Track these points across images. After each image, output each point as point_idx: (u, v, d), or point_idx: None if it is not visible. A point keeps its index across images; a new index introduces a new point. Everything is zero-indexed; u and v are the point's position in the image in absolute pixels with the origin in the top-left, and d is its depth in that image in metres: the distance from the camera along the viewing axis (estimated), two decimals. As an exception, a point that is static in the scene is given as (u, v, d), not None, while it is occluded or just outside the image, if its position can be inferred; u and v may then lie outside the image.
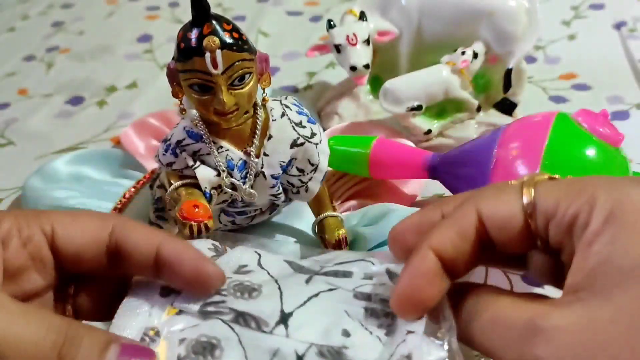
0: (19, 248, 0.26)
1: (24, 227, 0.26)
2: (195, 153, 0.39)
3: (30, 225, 0.26)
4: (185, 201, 0.37)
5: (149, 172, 0.53)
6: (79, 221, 0.27)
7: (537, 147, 0.38)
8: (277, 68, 0.72)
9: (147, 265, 0.27)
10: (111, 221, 0.27)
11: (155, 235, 0.27)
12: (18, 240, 0.26)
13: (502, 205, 0.24)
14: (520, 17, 0.54)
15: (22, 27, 0.88)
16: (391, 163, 0.47)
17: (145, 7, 0.90)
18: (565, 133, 0.39)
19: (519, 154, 0.39)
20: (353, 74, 0.54)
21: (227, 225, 0.44)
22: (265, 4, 0.88)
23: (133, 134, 0.58)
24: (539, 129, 0.39)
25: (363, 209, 0.47)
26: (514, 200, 0.24)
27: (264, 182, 0.40)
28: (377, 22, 0.57)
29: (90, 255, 0.27)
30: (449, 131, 0.56)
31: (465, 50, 0.54)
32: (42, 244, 0.26)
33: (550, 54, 0.69)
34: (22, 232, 0.26)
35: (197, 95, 0.36)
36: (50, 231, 0.27)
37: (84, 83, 0.72)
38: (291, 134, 0.40)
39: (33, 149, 0.61)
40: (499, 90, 0.57)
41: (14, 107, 0.69)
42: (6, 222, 0.26)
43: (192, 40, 0.34)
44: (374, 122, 0.58)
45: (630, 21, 0.73)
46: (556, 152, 0.38)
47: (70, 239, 0.27)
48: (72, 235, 0.27)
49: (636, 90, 0.61)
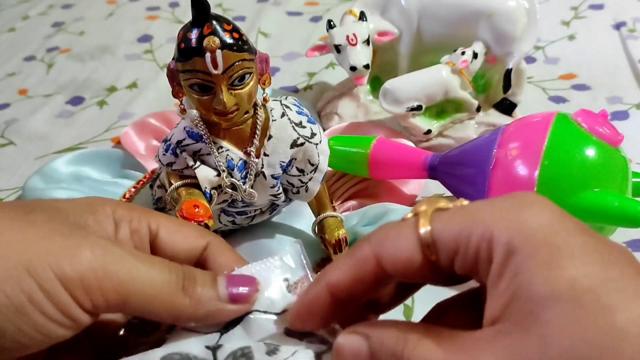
0: (127, 235, 0.29)
1: (135, 219, 0.29)
2: (195, 153, 0.39)
3: (140, 220, 0.29)
4: (185, 201, 0.37)
5: (149, 172, 0.53)
6: (182, 230, 0.30)
7: (536, 148, 0.38)
8: (277, 68, 0.72)
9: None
10: (208, 238, 0.30)
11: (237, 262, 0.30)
12: (127, 228, 0.29)
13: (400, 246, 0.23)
14: (520, 18, 0.54)
15: (23, 27, 0.88)
16: (391, 163, 0.47)
17: (145, 7, 0.90)
18: (565, 133, 0.39)
19: (519, 154, 0.39)
20: (353, 74, 0.54)
21: (227, 225, 0.44)
22: (265, 4, 0.88)
23: (133, 134, 0.58)
24: (538, 129, 0.39)
25: (363, 209, 0.47)
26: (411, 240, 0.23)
27: (264, 182, 0.40)
28: (377, 23, 0.57)
29: (181, 261, 0.29)
30: (448, 131, 0.56)
31: (465, 51, 0.54)
32: (145, 239, 0.29)
33: (550, 54, 0.69)
34: (132, 223, 0.29)
35: (197, 96, 0.36)
36: (155, 231, 0.30)
37: (84, 83, 0.72)
38: (291, 134, 0.40)
39: (33, 149, 0.61)
40: (498, 91, 0.57)
41: (14, 107, 0.69)
42: (121, 209, 0.29)
43: (192, 40, 0.35)
44: (373, 122, 0.58)
45: (629, 21, 0.73)
46: (556, 152, 0.38)
47: (171, 244, 0.30)
48: (173, 241, 0.30)
49: (636, 91, 0.61)
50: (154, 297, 0.26)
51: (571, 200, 0.37)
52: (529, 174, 0.38)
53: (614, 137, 0.39)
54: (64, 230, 0.25)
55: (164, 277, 0.26)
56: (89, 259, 0.24)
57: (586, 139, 0.38)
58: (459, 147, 0.45)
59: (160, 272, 0.26)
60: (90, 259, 0.24)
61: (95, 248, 0.25)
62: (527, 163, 0.38)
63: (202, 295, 0.26)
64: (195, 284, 0.26)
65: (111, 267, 0.25)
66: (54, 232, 0.25)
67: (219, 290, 0.27)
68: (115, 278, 0.25)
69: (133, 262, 0.26)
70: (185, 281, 0.26)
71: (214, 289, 0.27)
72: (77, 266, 0.24)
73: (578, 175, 0.37)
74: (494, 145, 0.41)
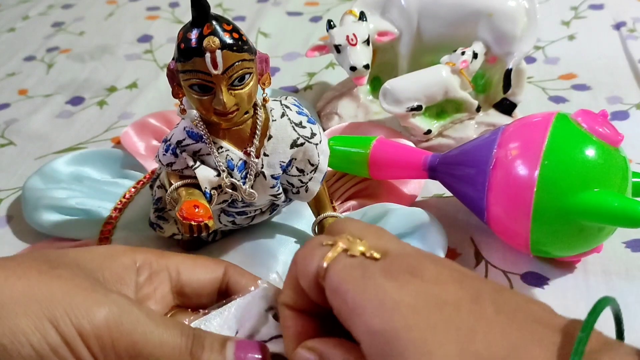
0: (148, 279, 0.31)
1: (154, 262, 0.32)
2: (195, 153, 0.39)
3: (159, 263, 0.32)
4: (185, 201, 0.37)
5: (149, 172, 0.53)
6: (199, 264, 0.33)
7: (536, 148, 0.38)
8: (277, 68, 0.72)
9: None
10: (223, 265, 0.33)
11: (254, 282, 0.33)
12: (148, 272, 0.31)
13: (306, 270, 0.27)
14: (520, 18, 0.54)
15: (23, 27, 0.88)
16: (391, 163, 0.47)
17: (145, 7, 0.90)
18: (565, 133, 0.39)
19: (519, 154, 0.39)
20: (353, 74, 0.54)
21: (227, 225, 0.44)
22: (265, 4, 0.88)
23: (133, 134, 0.58)
24: (538, 129, 0.39)
25: (363, 209, 0.47)
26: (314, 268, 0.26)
27: (264, 182, 0.40)
28: (377, 23, 0.57)
29: (206, 292, 0.33)
30: (448, 131, 0.56)
31: (465, 51, 0.54)
32: (165, 281, 0.32)
33: (550, 54, 0.69)
34: (152, 266, 0.32)
35: (197, 96, 0.36)
36: (176, 271, 0.32)
37: (84, 83, 0.72)
38: (291, 134, 0.40)
39: (33, 149, 0.61)
40: (498, 91, 0.57)
41: (14, 107, 0.69)
42: (140, 254, 0.32)
43: (192, 40, 0.35)
44: (373, 122, 0.58)
45: (629, 21, 0.73)
46: (556, 152, 0.38)
47: (195, 279, 0.32)
48: (197, 277, 0.32)
49: (636, 91, 0.61)
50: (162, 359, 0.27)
51: (571, 200, 0.37)
52: (529, 174, 0.38)
53: (614, 137, 0.39)
54: (86, 286, 0.27)
55: (175, 341, 0.27)
56: (106, 317, 0.26)
57: (586, 139, 0.38)
58: (459, 147, 0.45)
59: (171, 336, 0.28)
60: (107, 316, 0.26)
61: (113, 306, 0.27)
62: (527, 163, 0.38)
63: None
64: (204, 349, 0.28)
65: (126, 327, 0.26)
66: (77, 288, 0.27)
67: (227, 357, 0.28)
68: (128, 337, 0.26)
69: (147, 323, 0.27)
70: (194, 347, 0.28)
71: (222, 355, 0.28)
72: (95, 322, 0.26)
73: (578, 175, 0.37)
74: (494, 145, 0.41)
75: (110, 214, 0.49)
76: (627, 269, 0.42)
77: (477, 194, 0.41)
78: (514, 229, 0.40)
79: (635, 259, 0.43)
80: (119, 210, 0.49)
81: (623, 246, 0.44)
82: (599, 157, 0.38)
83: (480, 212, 0.42)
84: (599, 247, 0.41)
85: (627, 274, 0.42)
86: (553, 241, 0.39)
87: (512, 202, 0.39)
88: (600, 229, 0.39)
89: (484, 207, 0.41)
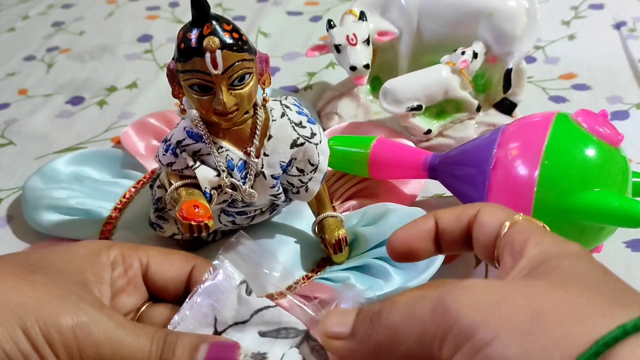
0: (122, 273, 0.32)
1: (127, 256, 0.32)
2: (195, 153, 0.39)
3: (132, 256, 0.32)
4: (185, 201, 0.37)
5: (149, 172, 0.53)
6: (169, 259, 0.33)
7: (536, 147, 0.38)
8: (277, 68, 0.72)
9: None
10: (193, 262, 0.34)
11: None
12: (122, 267, 0.32)
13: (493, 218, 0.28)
14: (520, 17, 0.54)
15: (23, 27, 0.88)
16: (391, 163, 0.47)
17: (145, 7, 0.90)
18: (565, 133, 0.39)
19: (519, 154, 0.39)
20: (353, 74, 0.54)
21: (227, 225, 0.44)
22: (265, 4, 0.88)
23: (133, 134, 0.58)
24: (538, 129, 0.39)
25: (363, 209, 0.47)
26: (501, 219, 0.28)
27: (264, 182, 0.40)
28: (377, 22, 0.57)
29: (173, 287, 0.33)
30: (448, 131, 0.56)
31: (465, 50, 0.54)
32: (138, 273, 0.33)
33: (550, 54, 0.69)
34: (126, 260, 0.32)
35: (197, 96, 0.36)
36: (145, 264, 0.33)
37: (84, 83, 0.72)
38: (291, 134, 0.40)
39: (33, 149, 0.61)
40: (498, 90, 0.57)
41: (14, 107, 0.69)
42: (114, 249, 0.32)
43: (192, 40, 0.35)
44: (373, 122, 0.58)
45: (630, 21, 0.73)
46: (556, 152, 0.38)
47: (160, 273, 0.33)
48: (162, 271, 0.33)
49: (636, 90, 0.61)
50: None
51: (571, 200, 0.37)
52: (529, 174, 0.38)
53: (614, 137, 0.39)
54: (59, 293, 0.28)
55: (145, 348, 0.28)
56: (73, 326, 0.27)
57: (586, 138, 0.38)
58: (459, 147, 0.45)
59: (141, 343, 0.28)
60: (75, 325, 0.27)
61: (82, 315, 0.27)
62: (527, 163, 0.38)
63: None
64: (174, 355, 0.28)
65: (94, 336, 0.27)
66: (49, 295, 0.27)
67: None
68: (96, 346, 0.27)
69: (116, 331, 0.28)
70: (164, 353, 0.28)
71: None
72: (62, 331, 0.26)
73: (578, 175, 0.37)
74: (494, 145, 0.40)
75: (110, 214, 0.49)
76: (627, 269, 0.42)
77: (477, 193, 0.41)
78: None
79: (635, 259, 0.43)
80: (119, 210, 0.49)
81: (623, 246, 0.44)
82: (599, 156, 0.38)
83: None
84: (599, 247, 0.41)
85: (628, 274, 0.42)
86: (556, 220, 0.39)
87: (512, 202, 0.39)
88: (600, 228, 0.39)
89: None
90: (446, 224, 0.30)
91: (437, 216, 0.30)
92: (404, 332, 0.24)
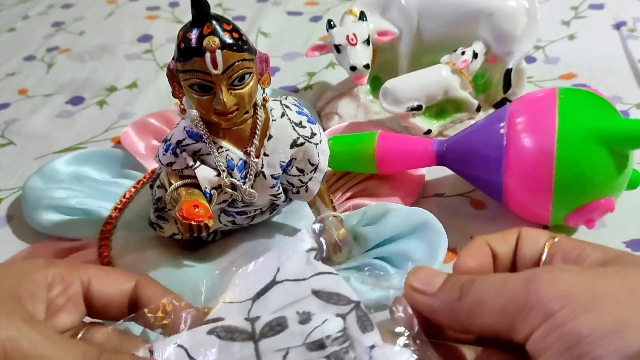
0: (61, 292, 0.32)
1: (66, 275, 0.32)
2: (195, 153, 0.39)
3: (72, 274, 0.32)
4: (185, 201, 0.37)
5: (149, 172, 0.53)
6: (110, 276, 0.33)
7: (549, 115, 0.40)
8: (277, 68, 0.72)
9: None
10: (135, 278, 0.33)
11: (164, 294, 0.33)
12: (61, 286, 0.32)
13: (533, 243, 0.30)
14: (520, 17, 0.54)
15: (23, 27, 0.88)
16: (398, 154, 0.48)
17: (145, 7, 0.90)
18: (573, 96, 0.41)
19: (533, 126, 0.40)
20: (353, 74, 0.54)
21: (227, 225, 0.44)
22: (265, 4, 0.88)
23: (133, 134, 0.58)
24: (546, 100, 0.41)
25: (363, 208, 0.47)
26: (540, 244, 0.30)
27: (264, 182, 0.40)
28: (377, 22, 0.57)
29: (117, 303, 0.33)
30: (448, 131, 0.56)
31: (465, 50, 0.54)
32: (78, 292, 0.32)
33: (550, 54, 0.69)
34: (65, 279, 0.32)
35: (197, 96, 0.36)
36: (87, 282, 0.32)
37: (84, 83, 0.72)
38: (291, 134, 0.40)
39: (33, 149, 0.61)
40: (498, 90, 0.57)
41: (14, 107, 0.69)
42: (53, 268, 0.32)
43: (192, 40, 0.35)
44: (373, 122, 0.58)
45: (630, 21, 0.73)
46: (570, 115, 0.40)
47: (103, 291, 0.33)
48: (105, 288, 0.33)
49: (636, 90, 0.61)
50: None
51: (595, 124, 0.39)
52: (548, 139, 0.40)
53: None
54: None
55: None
56: (2, 340, 0.26)
57: (594, 95, 0.41)
58: (463, 132, 0.46)
59: (72, 358, 0.27)
60: (4, 340, 0.26)
61: (11, 329, 0.27)
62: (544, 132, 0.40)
63: None
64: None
65: (24, 349, 0.27)
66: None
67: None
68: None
69: (46, 346, 0.27)
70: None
71: None
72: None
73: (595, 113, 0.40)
74: (502, 124, 0.42)
75: (110, 214, 0.49)
76: (627, 269, 0.42)
77: (491, 174, 0.42)
78: (535, 197, 0.41)
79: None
80: (119, 210, 0.49)
81: (623, 246, 0.44)
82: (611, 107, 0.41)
83: (495, 192, 0.43)
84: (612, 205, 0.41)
85: (627, 274, 0.42)
86: (577, 186, 0.40)
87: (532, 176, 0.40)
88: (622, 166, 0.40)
89: (501, 186, 0.42)
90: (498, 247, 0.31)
91: (488, 241, 0.31)
92: (492, 302, 0.27)
